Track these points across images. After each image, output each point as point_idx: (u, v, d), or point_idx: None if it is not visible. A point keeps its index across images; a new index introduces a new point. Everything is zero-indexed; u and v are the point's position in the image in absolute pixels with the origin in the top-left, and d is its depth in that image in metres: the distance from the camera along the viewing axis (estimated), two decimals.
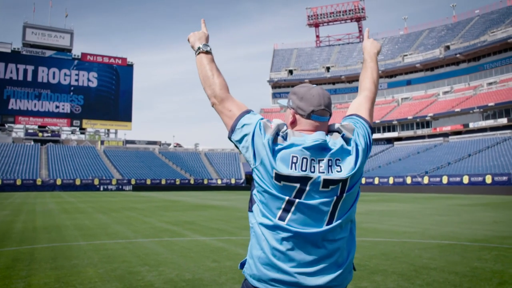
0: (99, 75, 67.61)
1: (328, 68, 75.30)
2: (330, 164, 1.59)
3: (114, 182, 49.99)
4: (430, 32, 70.63)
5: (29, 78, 62.54)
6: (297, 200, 1.56)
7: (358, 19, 79.33)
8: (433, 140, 55.43)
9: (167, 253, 7.28)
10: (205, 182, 55.84)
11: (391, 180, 43.26)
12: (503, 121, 48.70)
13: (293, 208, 1.56)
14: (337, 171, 1.59)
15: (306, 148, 1.58)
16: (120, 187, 49.91)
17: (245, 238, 8.95)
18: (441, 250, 7.35)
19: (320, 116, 1.72)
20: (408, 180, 41.47)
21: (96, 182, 48.79)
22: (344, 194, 1.59)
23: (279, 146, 1.59)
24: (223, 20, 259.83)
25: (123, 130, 69.51)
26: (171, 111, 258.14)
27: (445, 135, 55.04)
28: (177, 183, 53.53)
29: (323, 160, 1.58)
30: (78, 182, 47.63)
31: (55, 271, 5.78)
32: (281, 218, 1.57)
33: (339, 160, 1.61)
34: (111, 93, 68.67)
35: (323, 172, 1.57)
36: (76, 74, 65.94)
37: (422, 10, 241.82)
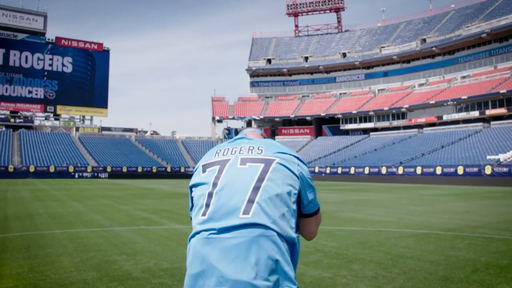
0: (74, 60, 65.89)
1: (306, 58, 75.43)
2: None
3: (89, 169, 49.14)
4: (407, 24, 71.45)
5: (0, 61, 60.48)
6: None
7: (337, 10, 79.53)
8: (408, 131, 56.44)
9: (144, 241, 7.20)
10: (182, 170, 55.48)
11: (366, 170, 43.92)
12: (475, 114, 49.92)
13: None
14: None
15: None
16: (96, 174, 49.11)
17: None
18: (416, 239, 7.50)
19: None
20: (383, 170, 42.18)
21: (71, 169, 47.86)
22: None
23: None
24: (202, 7, 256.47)
25: (98, 116, 68.19)
26: (148, 98, 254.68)
27: (419, 126, 56.10)
28: (154, 171, 53.03)
29: None
30: (52, 169, 46.60)
31: (28, 261, 5.64)
32: None
33: None
34: (86, 78, 67.12)
35: None
36: (50, 59, 64.05)
37: (399, 2, 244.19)
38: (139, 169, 52.20)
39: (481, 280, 4.74)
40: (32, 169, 45.48)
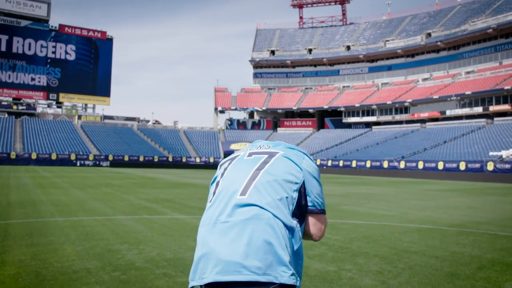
0: (77, 48, 65.61)
1: (310, 50, 75.01)
2: None
3: (91, 157, 49.15)
4: (413, 18, 70.90)
5: (3, 48, 60.17)
6: None
7: (342, 2, 78.91)
8: (410, 125, 56.23)
9: (146, 231, 7.17)
10: (184, 160, 55.48)
11: (368, 164, 43.85)
12: (479, 110, 49.68)
13: None
14: None
15: None
16: (97, 162, 49.13)
17: None
18: (420, 234, 7.45)
19: None
20: (385, 164, 42.11)
21: (73, 157, 47.88)
22: None
23: None
24: None
25: (101, 105, 68.09)
26: (150, 88, 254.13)
27: (422, 121, 55.89)
28: (155, 160, 53.03)
29: None
30: (54, 156, 46.63)
31: (31, 248, 5.61)
32: None
33: None
34: (89, 67, 66.90)
35: None
36: (53, 46, 63.79)
37: None
38: (141, 158, 52.21)
39: (488, 277, 4.69)
40: (34, 156, 45.52)
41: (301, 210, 1.65)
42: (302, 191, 1.64)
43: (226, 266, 1.44)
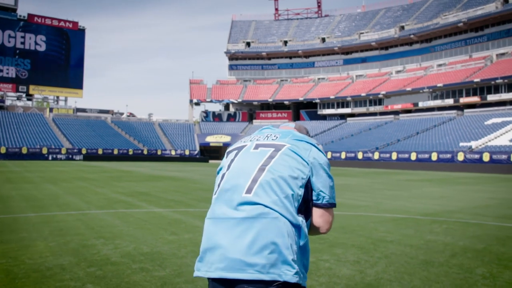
0: (48, 38, 63.72)
1: (285, 42, 75.09)
2: None
3: (63, 151, 48.07)
4: (387, 11, 71.78)
5: None
6: None
7: None
8: (384, 117, 57.16)
9: (122, 225, 7.06)
10: (159, 153, 54.91)
11: (343, 155, 44.39)
12: (450, 101, 50.89)
13: None
14: None
15: None
16: (70, 156, 48.09)
17: (203, 210, 8.84)
18: (396, 223, 7.59)
19: None
20: (360, 155, 42.72)
21: (45, 151, 46.71)
22: None
23: None
24: None
25: (73, 97, 66.50)
26: (124, 80, 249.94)
27: (395, 113, 56.88)
28: (130, 153, 52.31)
29: None
30: (24, 150, 45.38)
31: (1, 245, 5.44)
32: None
33: None
34: (61, 58, 65.14)
35: None
36: (22, 37, 61.74)
37: None
38: (115, 151, 51.40)
39: (460, 264, 4.81)
40: (3, 150, 44.20)
41: (307, 205, 1.65)
42: (308, 186, 1.64)
43: (231, 263, 1.48)
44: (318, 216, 1.67)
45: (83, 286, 3.86)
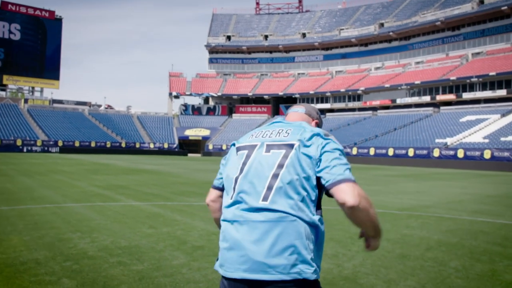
0: (23, 27, 61.95)
1: (266, 37, 75.03)
2: None
3: (39, 143, 47.02)
4: (367, 8, 72.40)
5: None
6: None
7: None
8: (363, 113, 57.82)
9: (100, 218, 6.96)
10: (137, 145, 54.32)
11: None
12: (427, 99, 51.82)
13: None
14: None
15: None
16: (46, 148, 47.09)
17: (182, 204, 8.80)
18: None
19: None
20: None
21: (19, 143, 45.59)
22: None
23: None
24: None
25: (49, 88, 64.94)
26: (102, 71, 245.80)
27: (374, 109, 57.60)
28: (108, 146, 51.57)
29: None
30: None
31: None
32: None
33: None
34: (36, 48, 63.44)
35: None
36: None
37: None
38: (93, 144, 50.61)
39: (435, 257, 4.93)
40: None
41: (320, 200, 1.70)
42: (321, 181, 1.64)
43: (253, 265, 1.57)
44: (337, 196, 1.56)
45: (58, 280, 3.80)
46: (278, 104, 69.11)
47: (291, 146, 1.67)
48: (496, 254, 5.15)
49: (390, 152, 38.88)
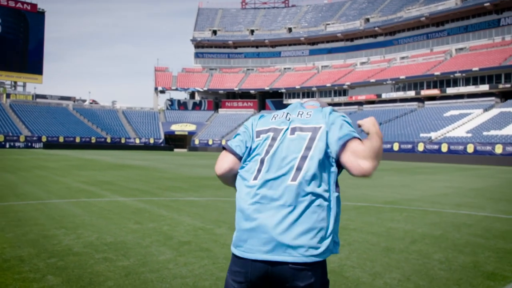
0: (4, 20, 60.75)
1: (252, 31, 74.85)
2: None
3: (22, 139, 46.33)
4: (353, 3, 72.65)
5: None
6: None
7: None
8: (348, 108, 58.16)
9: (85, 214, 6.90)
10: (123, 141, 53.90)
11: None
12: (411, 93, 52.36)
13: None
14: None
15: None
16: (30, 144, 46.44)
17: (168, 199, 8.77)
18: (358, 211, 7.78)
19: None
20: None
21: (1, 138, 44.85)
22: None
23: None
24: None
25: (32, 83, 63.94)
26: (87, 66, 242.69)
27: (359, 103, 58.01)
28: (93, 141, 51.08)
29: None
30: None
31: None
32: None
33: None
34: (18, 41, 62.29)
35: None
36: None
37: None
38: (77, 140, 50.07)
39: (419, 250, 5.00)
40: None
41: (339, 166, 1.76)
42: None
43: (276, 246, 1.59)
44: (356, 153, 1.67)
45: (43, 277, 3.76)
46: (264, 99, 69.14)
47: (316, 129, 1.73)
48: (478, 246, 5.25)
49: None
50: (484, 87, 45.59)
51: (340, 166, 1.73)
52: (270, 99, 68.40)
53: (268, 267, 1.61)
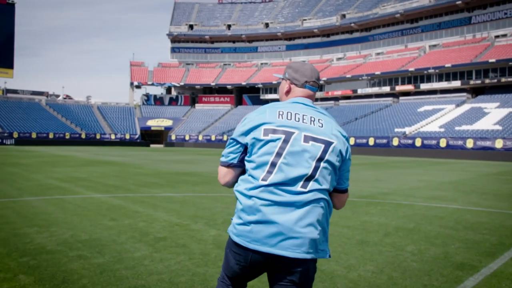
0: None
1: (229, 26, 74.54)
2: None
3: None
4: None
5: None
6: None
7: None
8: (325, 103, 58.66)
9: (58, 212, 6.77)
10: (98, 137, 53.01)
11: None
12: (386, 89, 53.17)
13: None
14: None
15: None
16: (0, 140, 45.16)
17: (144, 195, 8.69)
18: None
19: (312, 87, 2.00)
20: None
21: None
22: None
23: None
24: None
25: (3, 77, 61.98)
26: (61, 60, 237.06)
27: (336, 99, 58.58)
28: (67, 137, 50.06)
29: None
30: None
31: None
32: None
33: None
34: None
35: None
36: None
37: None
38: (51, 135, 48.98)
39: (393, 242, 5.11)
40: None
41: (334, 193, 1.99)
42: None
43: (283, 242, 1.73)
44: (342, 201, 2.00)
45: (14, 277, 3.68)
46: (241, 94, 69.07)
47: (329, 143, 1.83)
48: (449, 237, 5.40)
49: (351, 141, 39.70)
50: (456, 83, 46.68)
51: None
52: (247, 94, 68.37)
53: (270, 256, 1.77)
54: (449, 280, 3.80)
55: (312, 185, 1.78)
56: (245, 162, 1.89)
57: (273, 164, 1.78)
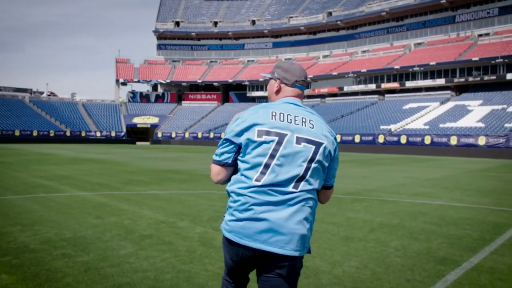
0: None
1: (215, 23, 74.24)
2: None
3: None
4: None
5: None
6: None
7: None
8: (311, 100, 58.88)
9: (42, 210, 6.70)
10: (83, 134, 52.40)
11: None
12: (372, 86, 53.58)
13: None
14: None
15: None
16: None
17: (129, 193, 8.64)
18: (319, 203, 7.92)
19: (302, 86, 2.08)
20: None
21: None
22: None
23: None
24: None
25: None
26: (45, 56, 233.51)
27: (322, 96, 58.81)
28: (51, 135, 49.37)
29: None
30: None
31: None
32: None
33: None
34: None
35: None
36: None
37: None
38: (34, 133, 48.26)
39: (377, 238, 5.17)
40: None
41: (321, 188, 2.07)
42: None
43: (274, 239, 1.80)
44: (327, 196, 2.10)
45: None
46: (228, 91, 68.92)
47: (319, 144, 1.89)
48: (432, 233, 5.49)
49: (338, 138, 39.75)
50: (441, 81, 47.25)
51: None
52: (233, 91, 68.25)
53: (260, 252, 1.83)
54: (431, 274, 3.87)
55: (303, 185, 1.85)
56: (238, 162, 1.94)
57: (267, 166, 1.84)
